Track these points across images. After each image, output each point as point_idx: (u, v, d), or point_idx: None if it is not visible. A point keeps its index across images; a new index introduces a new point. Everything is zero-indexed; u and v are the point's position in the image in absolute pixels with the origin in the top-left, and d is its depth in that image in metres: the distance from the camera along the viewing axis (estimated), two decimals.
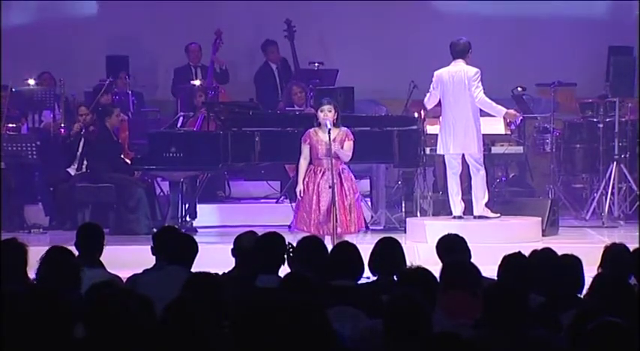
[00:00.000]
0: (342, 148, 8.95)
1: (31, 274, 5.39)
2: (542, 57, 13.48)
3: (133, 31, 13.84)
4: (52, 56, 13.53)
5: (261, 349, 3.91)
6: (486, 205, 10.00)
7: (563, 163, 11.91)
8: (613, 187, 11.03)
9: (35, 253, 5.44)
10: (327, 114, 8.94)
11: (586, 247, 8.52)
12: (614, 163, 11.09)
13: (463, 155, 9.93)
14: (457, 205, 9.98)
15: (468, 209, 10.02)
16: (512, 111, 10.14)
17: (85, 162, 11.20)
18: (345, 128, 9.10)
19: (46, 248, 5.49)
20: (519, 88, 11.56)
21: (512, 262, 5.31)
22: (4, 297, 4.12)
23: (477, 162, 9.91)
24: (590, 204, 11.40)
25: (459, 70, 9.79)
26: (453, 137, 9.83)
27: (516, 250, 5.43)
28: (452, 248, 5.92)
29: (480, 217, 9.92)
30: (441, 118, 9.99)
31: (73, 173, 11.25)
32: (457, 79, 9.77)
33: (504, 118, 10.19)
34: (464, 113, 9.77)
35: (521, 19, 13.68)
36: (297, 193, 9.06)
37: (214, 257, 6.55)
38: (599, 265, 5.53)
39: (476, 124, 9.82)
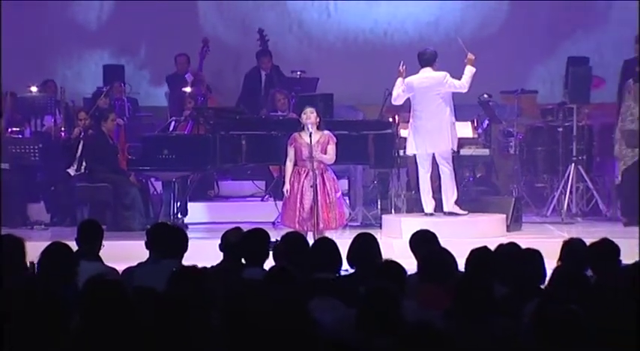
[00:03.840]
0: (325, 150, 8.97)
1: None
2: (506, 66, 13.54)
3: (129, 42, 13.85)
4: (54, 65, 13.59)
5: (248, 337, 3.90)
6: (455, 202, 10.03)
7: (526, 164, 11.95)
8: (571, 187, 11.08)
9: (38, 248, 5.43)
10: (309, 116, 8.95)
11: (547, 241, 8.54)
12: (573, 164, 11.14)
13: (434, 157, 9.97)
14: (428, 203, 10.01)
15: (439, 207, 10.05)
16: (468, 57, 9.90)
17: (84, 163, 11.17)
18: (328, 131, 9.12)
19: (48, 243, 5.47)
20: (485, 95, 11.60)
21: (478, 256, 5.32)
22: (4, 289, 4.10)
23: (446, 161, 9.94)
24: (550, 202, 11.44)
25: (428, 76, 9.85)
26: (424, 138, 9.86)
27: (482, 245, 5.44)
28: (424, 243, 5.93)
29: (450, 213, 9.95)
30: (411, 120, 10.02)
31: (72, 174, 11.21)
32: (426, 85, 9.83)
33: (472, 64, 9.90)
34: (434, 115, 9.81)
35: (488, 29, 13.73)
36: (285, 192, 9.07)
37: (204, 252, 6.52)
38: (559, 259, 5.55)
39: (449, 124, 9.83)
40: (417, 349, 3.49)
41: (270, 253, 5.82)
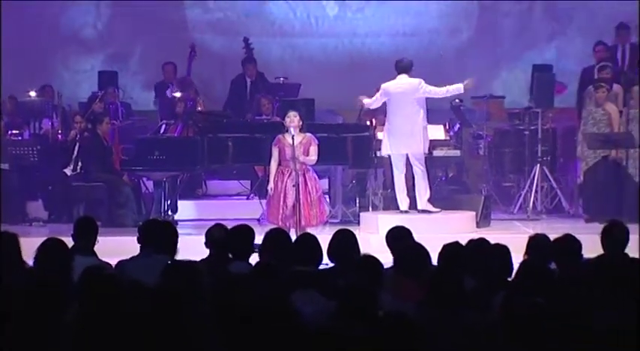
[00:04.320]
0: (308, 151, 8.97)
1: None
2: (476, 73, 13.60)
3: (123, 49, 13.84)
4: (52, 71, 13.57)
5: (236, 326, 3.88)
6: (428, 200, 10.04)
7: (494, 164, 11.99)
8: (537, 186, 11.12)
9: (36, 244, 5.39)
10: (292, 119, 8.97)
11: (514, 237, 8.50)
12: (538, 165, 11.19)
13: (408, 158, 9.99)
14: (403, 201, 10.03)
15: (413, 204, 10.06)
16: (468, 82, 9.96)
17: (80, 164, 11.13)
18: (310, 134, 9.12)
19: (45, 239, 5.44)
20: (457, 100, 11.65)
21: (450, 250, 5.31)
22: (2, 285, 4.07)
23: (419, 162, 9.96)
24: (517, 200, 11.48)
25: (404, 82, 9.88)
26: (399, 139, 9.88)
27: (454, 240, 5.44)
28: (399, 238, 5.92)
29: (423, 211, 9.96)
30: (386, 123, 10.04)
31: (69, 173, 11.16)
32: (402, 90, 9.85)
33: (465, 89, 9.98)
34: (409, 118, 9.84)
35: (459, 39, 13.78)
36: (269, 191, 9.06)
37: (193, 247, 6.50)
38: (525, 253, 5.55)
39: (421, 127, 9.86)
40: (391, 339, 3.48)
41: (256, 253, 5.78)
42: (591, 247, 5.69)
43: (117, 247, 7.31)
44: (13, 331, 3.79)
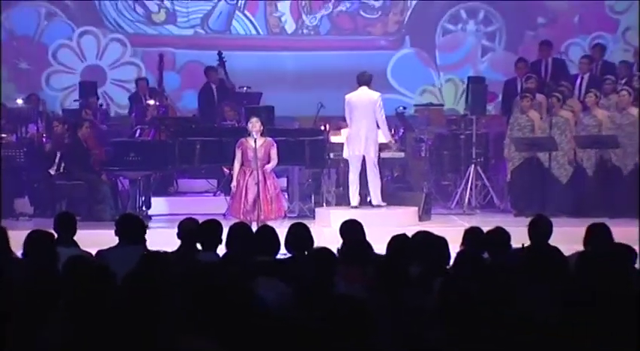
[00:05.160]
0: (269, 154, 8.98)
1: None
2: (418, 84, 13.74)
3: (101, 63, 13.76)
4: (37, 80, 13.46)
5: (205, 312, 3.85)
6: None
7: (434, 165, 12.05)
8: (471, 184, 11.20)
9: (22, 236, 5.32)
10: (254, 125, 8.98)
11: (451, 229, 8.50)
12: (472, 165, 11.27)
13: (363, 158, 10.04)
14: (354, 198, 10.07)
15: (362, 201, 10.10)
16: (391, 143, 10.51)
17: (62, 164, 11.03)
18: (270, 138, 9.12)
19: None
20: (401, 108, 11.70)
21: (398, 241, 5.32)
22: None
23: (374, 165, 10.05)
24: (454, 197, 11.55)
25: (365, 93, 9.98)
26: (358, 144, 9.96)
27: (402, 232, 5.44)
28: (350, 231, 5.92)
29: (378, 205, 10.04)
30: (348, 130, 10.12)
31: (52, 173, 11.04)
32: (363, 101, 9.95)
33: (388, 142, 10.46)
34: (368, 126, 9.94)
35: (404, 53, 13.88)
36: (232, 188, 9.02)
37: (165, 239, 6.44)
38: (461, 244, 5.58)
39: (375, 134, 10.01)
40: (344, 321, 3.48)
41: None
42: (519, 238, 5.73)
43: (96, 239, 7.23)
44: (14, 324, 3.72)
